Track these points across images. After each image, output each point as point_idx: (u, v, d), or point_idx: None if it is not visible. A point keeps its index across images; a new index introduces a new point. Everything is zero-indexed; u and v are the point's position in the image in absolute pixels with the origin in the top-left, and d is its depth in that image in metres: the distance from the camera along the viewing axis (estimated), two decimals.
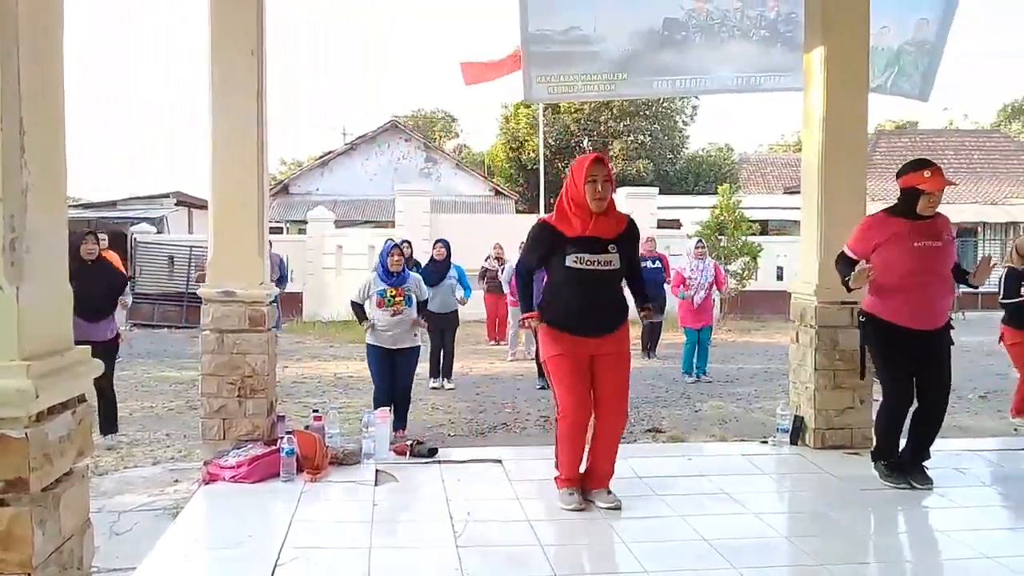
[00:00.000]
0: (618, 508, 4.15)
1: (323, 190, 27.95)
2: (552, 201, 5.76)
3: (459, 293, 9.24)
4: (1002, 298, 7.20)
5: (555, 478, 4.32)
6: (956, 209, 23.25)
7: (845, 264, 4.60)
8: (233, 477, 4.51)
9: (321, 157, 30.78)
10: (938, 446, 5.64)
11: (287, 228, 25.16)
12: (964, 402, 8.33)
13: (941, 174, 4.43)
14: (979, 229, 23.42)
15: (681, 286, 10.02)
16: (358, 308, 6.40)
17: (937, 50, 6.98)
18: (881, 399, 4.69)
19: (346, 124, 74.30)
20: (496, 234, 14.13)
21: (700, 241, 10.68)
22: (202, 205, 21.56)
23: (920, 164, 4.50)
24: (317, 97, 74.60)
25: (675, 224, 19.95)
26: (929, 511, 4.32)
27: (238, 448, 4.76)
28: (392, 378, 6.35)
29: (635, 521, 4.01)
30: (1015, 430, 7.11)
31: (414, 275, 6.64)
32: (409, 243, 7.76)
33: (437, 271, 9.00)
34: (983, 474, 4.90)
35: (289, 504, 4.20)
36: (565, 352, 4.17)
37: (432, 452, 5.12)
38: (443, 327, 9.12)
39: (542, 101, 14.74)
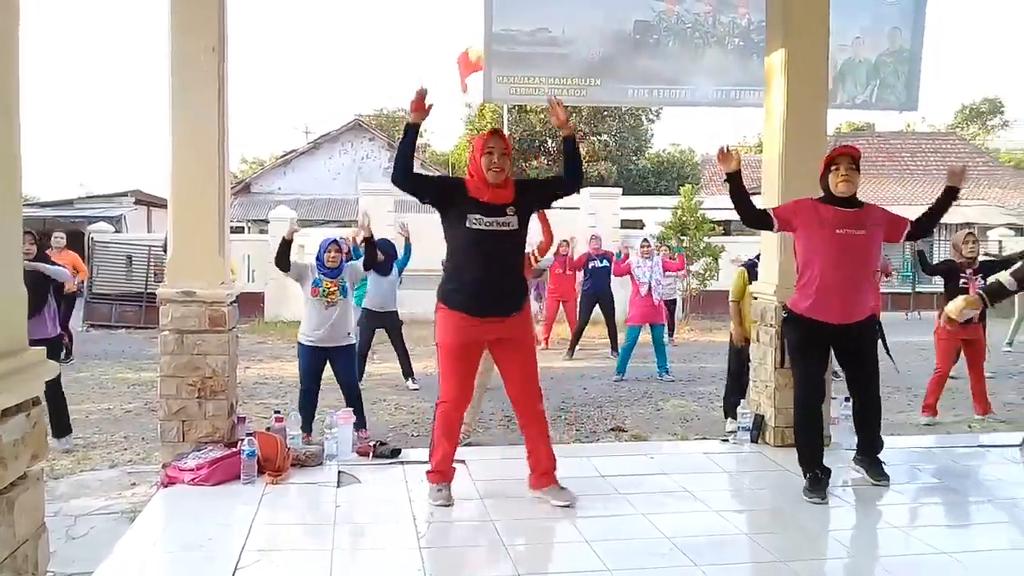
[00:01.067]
0: (571, 505, 4.16)
1: (285, 189, 27.70)
2: None
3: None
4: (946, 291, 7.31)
5: (426, 472, 4.31)
6: (915, 210, 23.72)
7: (761, 219, 4.60)
8: (193, 480, 4.45)
9: (283, 156, 30.53)
10: (895, 443, 5.75)
11: (249, 227, 24.89)
12: (922, 399, 8.48)
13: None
14: (936, 229, 23.88)
15: (629, 274, 10.03)
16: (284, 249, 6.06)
17: (916, 57, 7.08)
18: (794, 398, 4.70)
19: (309, 123, 73.69)
20: None
21: (645, 240, 10.66)
22: (161, 204, 21.28)
23: (828, 153, 4.59)
24: (280, 95, 73.94)
25: (638, 224, 20.08)
26: (886, 508, 4.39)
27: (198, 450, 4.70)
28: (319, 381, 6.19)
29: (598, 520, 4.03)
30: (969, 427, 7.27)
31: (349, 264, 6.44)
32: (346, 239, 7.39)
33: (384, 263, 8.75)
34: (939, 471, 5.00)
35: (250, 506, 4.16)
36: (458, 340, 4.14)
37: (395, 453, 5.11)
38: (384, 326, 8.97)
39: (504, 101, 14.79)
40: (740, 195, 4.56)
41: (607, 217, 17.34)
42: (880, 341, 4.67)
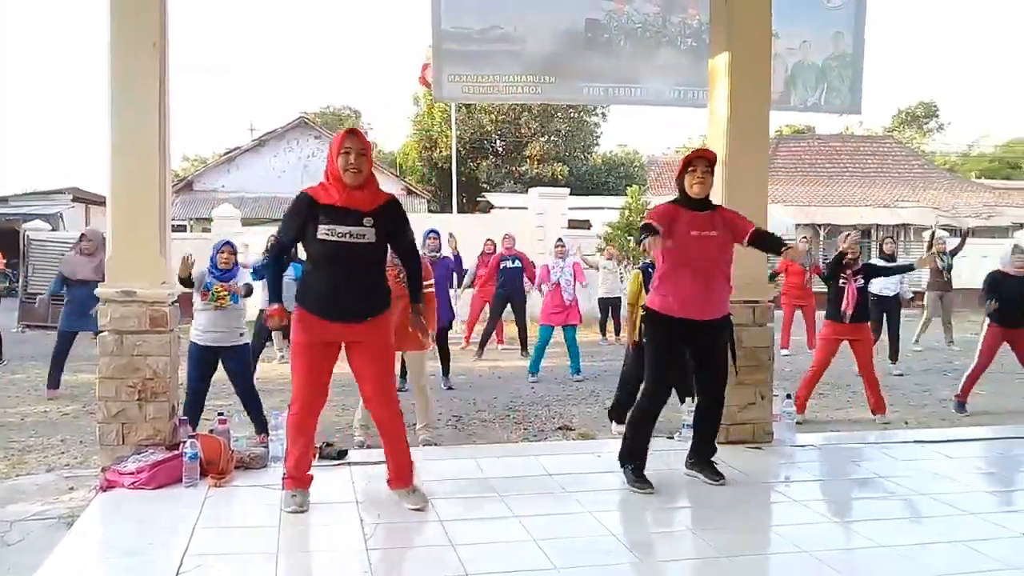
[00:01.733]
0: (423, 509, 4.13)
1: (229, 187, 27.25)
2: (464, 200, 5.71)
3: None
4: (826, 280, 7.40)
5: (282, 478, 4.25)
6: (852, 211, 24.33)
7: (645, 230, 4.48)
8: (133, 484, 4.36)
9: (227, 153, 30.03)
10: (832, 439, 5.90)
11: (191, 226, 24.47)
12: (859, 396, 8.69)
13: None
14: (872, 230, 24.49)
15: (544, 284, 9.96)
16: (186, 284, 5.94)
17: (858, 61, 7.24)
18: (640, 395, 4.73)
19: (253, 120, 72.51)
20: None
21: (560, 240, 10.69)
22: (100, 201, 20.77)
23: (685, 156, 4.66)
24: (225, 92, 72.64)
25: (585, 224, 20.21)
26: (826, 502, 4.50)
27: (138, 453, 4.60)
28: (208, 383, 6.06)
29: (545, 518, 4.05)
30: (905, 423, 7.46)
31: (244, 271, 6.35)
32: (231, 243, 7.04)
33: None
34: (876, 466, 5.13)
35: (192, 510, 4.09)
36: (310, 341, 4.05)
37: (342, 454, 5.06)
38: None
39: (456, 100, 14.69)
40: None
41: (555, 217, 17.42)
42: (729, 344, 4.71)
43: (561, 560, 3.50)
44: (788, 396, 5.92)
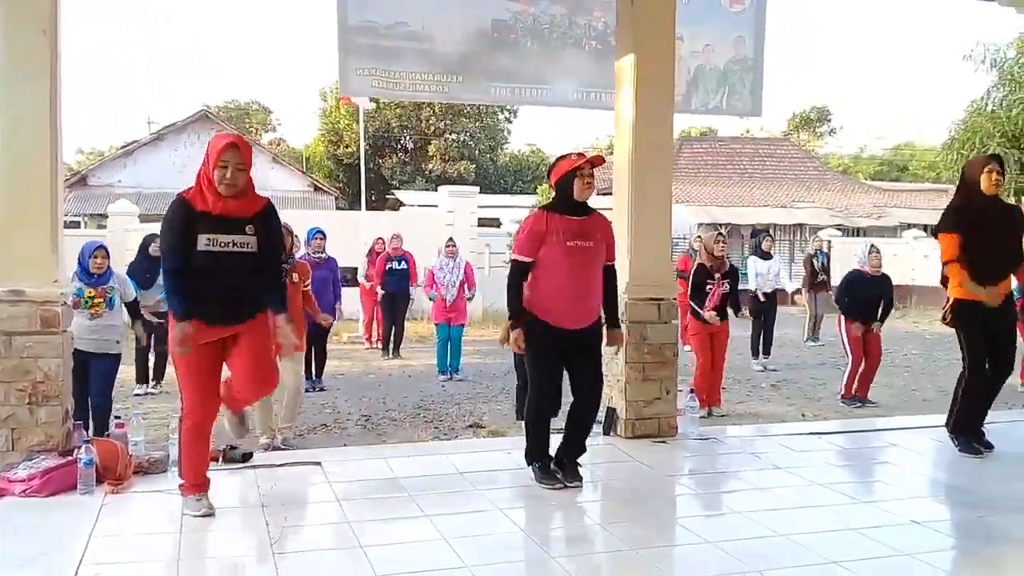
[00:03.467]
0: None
1: (126, 182, 26.28)
2: (373, 197, 5.62)
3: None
4: (691, 296, 7.70)
5: (179, 486, 4.12)
6: (750, 212, 25.13)
7: (519, 272, 4.49)
8: (24, 491, 4.16)
9: (124, 147, 28.93)
10: (733, 432, 6.09)
11: (85, 222, 23.51)
12: (758, 391, 9.00)
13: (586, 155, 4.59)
14: (770, 230, 25.40)
15: (432, 286, 9.95)
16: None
17: (758, 65, 7.44)
18: (528, 400, 4.73)
19: (153, 113, 70.08)
20: None
21: (451, 240, 10.72)
22: None
23: (564, 155, 4.62)
24: (122, 84, 69.89)
25: (495, 223, 20.30)
26: (728, 494, 4.64)
27: (30, 460, 4.39)
28: (85, 388, 5.65)
29: (456, 517, 4.05)
30: (803, 416, 7.76)
31: (119, 273, 6.05)
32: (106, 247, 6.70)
33: (151, 273, 8.18)
34: (775, 458, 5.31)
35: (88, 518, 3.92)
36: (193, 345, 3.87)
37: (246, 457, 4.94)
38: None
39: (364, 95, 14.33)
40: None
41: (465, 215, 17.42)
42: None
43: (472, 558, 3.50)
44: (692, 391, 6.08)
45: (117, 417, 5.10)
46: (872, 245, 8.36)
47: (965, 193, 5.26)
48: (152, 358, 8.66)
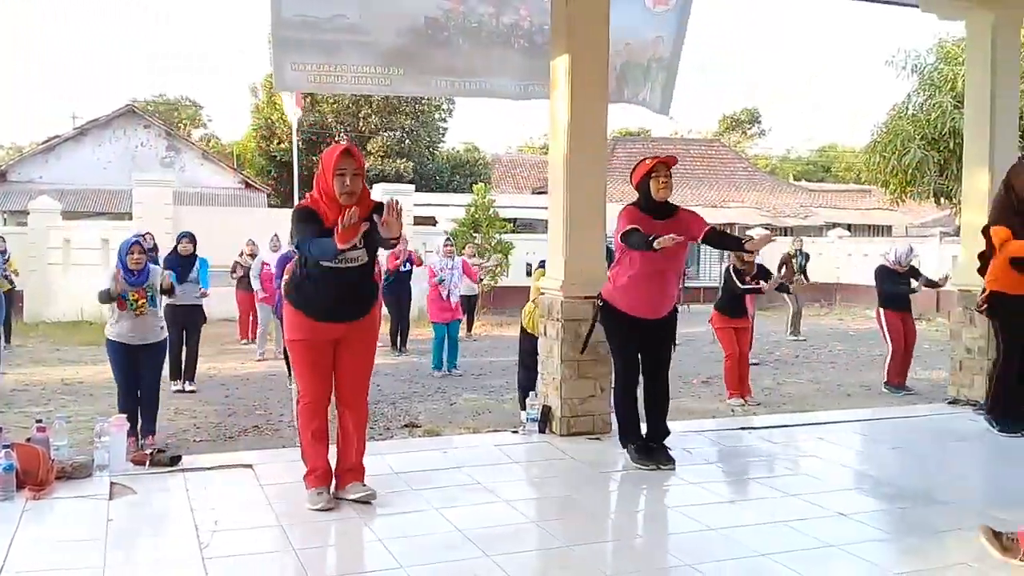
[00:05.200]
0: (373, 498, 4.15)
1: (48, 178, 25.42)
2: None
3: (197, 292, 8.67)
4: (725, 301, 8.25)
5: (304, 476, 4.24)
6: None
7: (639, 237, 4.64)
8: None
9: (46, 142, 27.97)
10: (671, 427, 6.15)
11: (4, 219, 22.67)
12: (689, 387, 9.16)
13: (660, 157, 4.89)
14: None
15: (434, 282, 10.24)
16: (106, 294, 5.91)
17: (673, 66, 7.52)
18: (615, 381, 5.09)
19: (77, 108, 67.75)
20: (247, 229, 13.58)
21: (448, 239, 10.86)
22: None
23: (641, 162, 4.92)
24: (44, 77, 67.45)
25: (431, 221, 20.21)
26: (661, 489, 4.70)
27: None
28: (137, 378, 6.00)
29: (391, 518, 4.01)
30: (732, 411, 7.93)
31: (154, 267, 6.21)
32: (151, 234, 7.28)
33: (183, 267, 8.39)
34: (707, 453, 5.41)
35: (8, 525, 3.77)
36: (306, 337, 4.13)
37: (175, 460, 4.81)
38: (186, 323, 8.56)
39: (299, 90, 14.02)
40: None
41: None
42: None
43: (407, 559, 3.48)
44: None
45: (39, 421, 4.92)
46: (911, 247, 9.27)
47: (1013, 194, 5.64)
48: (184, 356, 8.75)
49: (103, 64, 72.26)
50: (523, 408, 6.73)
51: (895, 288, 8.84)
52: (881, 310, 8.90)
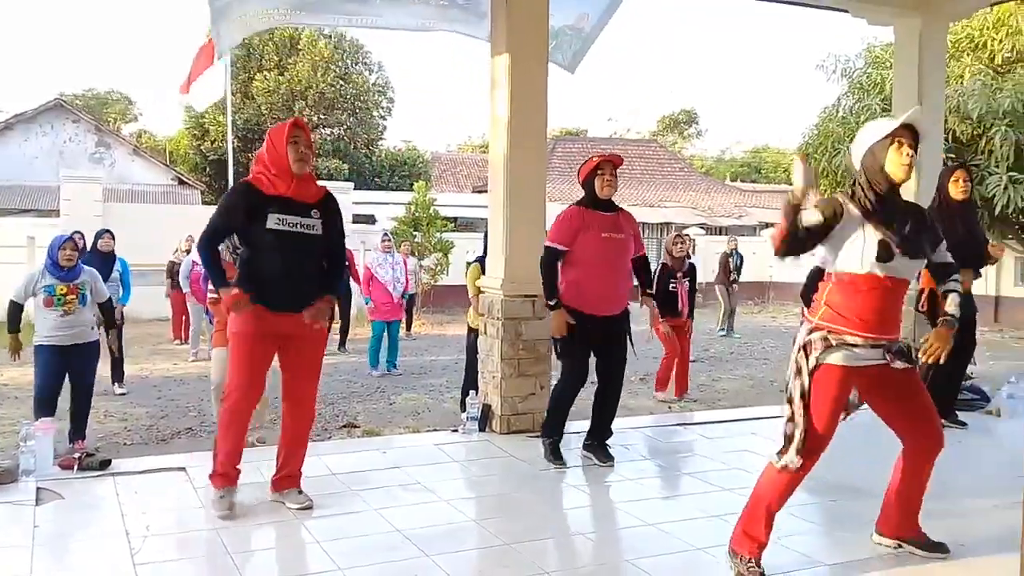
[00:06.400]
0: (310, 507, 4.09)
1: None
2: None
3: (119, 293, 8.42)
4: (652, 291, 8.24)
5: (209, 476, 4.12)
6: None
7: (554, 258, 4.85)
8: None
9: None
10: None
11: None
12: (627, 384, 9.24)
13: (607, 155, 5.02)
14: (640, 227, 26.20)
15: (369, 287, 10.03)
16: (16, 309, 5.64)
17: (590, 39, 7.53)
18: (560, 379, 5.08)
19: (1, 101, 65.37)
20: (180, 226, 13.26)
21: (386, 234, 10.72)
22: None
23: (588, 159, 5.03)
24: None
25: (370, 220, 20.05)
26: (600, 485, 4.75)
27: None
28: (61, 382, 5.70)
29: (329, 519, 3.97)
30: (669, 408, 8.04)
31: (90, 269, 5.95)
32: (82, 234, 7.00)
33: (103, 265, 8.10)
34: (644, 449, 5.48)
35: None
36: (253, 331, 3.97)
37: (105, 464, 4.69)
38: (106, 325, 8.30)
39: (232, 45, 13.60)
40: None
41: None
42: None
43: (346, 561, 3.45)
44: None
45: None
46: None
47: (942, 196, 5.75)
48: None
49: (29, 56, 69.82)
50: (463, 408, 6.74)
51: None
52: (806, 309, 9.07)
